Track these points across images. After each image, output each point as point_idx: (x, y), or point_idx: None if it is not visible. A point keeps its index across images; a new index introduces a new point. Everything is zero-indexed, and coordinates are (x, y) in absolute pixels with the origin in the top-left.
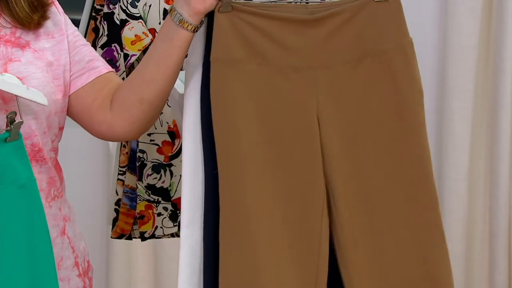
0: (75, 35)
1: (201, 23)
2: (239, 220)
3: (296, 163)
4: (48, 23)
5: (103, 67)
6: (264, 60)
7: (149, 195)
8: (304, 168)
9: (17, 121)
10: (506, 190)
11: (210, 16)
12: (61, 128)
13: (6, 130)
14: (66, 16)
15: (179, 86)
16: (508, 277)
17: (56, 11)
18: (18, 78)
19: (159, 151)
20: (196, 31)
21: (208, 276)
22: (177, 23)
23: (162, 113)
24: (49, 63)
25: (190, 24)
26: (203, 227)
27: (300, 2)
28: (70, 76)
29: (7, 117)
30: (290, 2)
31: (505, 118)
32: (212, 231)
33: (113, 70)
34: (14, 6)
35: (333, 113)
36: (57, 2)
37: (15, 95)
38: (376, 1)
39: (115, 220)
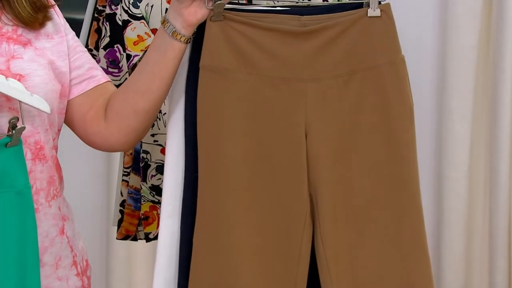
0: (75, 40)
1: (194, 34)
2: (214, 227)
3: (280, 174)
4: (48, 25)
5: (102, 76)
6: (254, 70)
7: (153, 196)
8: (288, 180)
9: (19, 127)
10: (506, 189)
11: (201, 24)
12: (59, 129)
13: (7, 135)
14: (65, 21)
15: None
16: (508, 277)
17: (56, 15)
18: (21, 75)
19: (163, 151)
20: (189, 42)
21: (182, 270)
22: (170, 34)
23: (165, 113)
24: (50, 62)
25: (183, 36)
26: (180, 222)
27: (302, 1)
28: (70, 81)
29: (9, 122)
30: (292, 1)
31: (505, 117)
32: (189, 227)
33: (110, 80)
34: (16, 6)
35: (321, 126)
36: (57, 6)
37: (19, 100)
38: (369, 16)
39: (120, 221)
